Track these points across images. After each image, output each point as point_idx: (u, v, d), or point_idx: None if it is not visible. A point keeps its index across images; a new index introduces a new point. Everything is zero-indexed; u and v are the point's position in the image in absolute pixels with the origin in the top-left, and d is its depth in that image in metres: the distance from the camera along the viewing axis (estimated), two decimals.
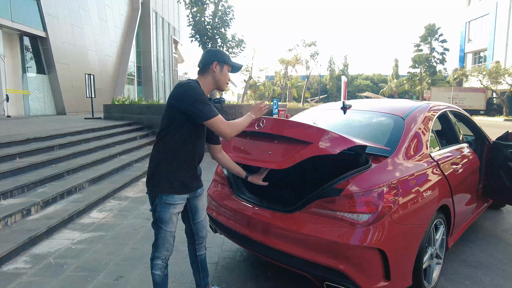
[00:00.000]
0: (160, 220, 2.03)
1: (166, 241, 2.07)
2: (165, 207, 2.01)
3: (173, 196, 2.01)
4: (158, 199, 2.01)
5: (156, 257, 2.10)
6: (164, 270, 2.13)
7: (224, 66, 2.04)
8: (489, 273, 2.80)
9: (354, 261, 1.90)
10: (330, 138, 1.99)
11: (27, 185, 4.39)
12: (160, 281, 2.13)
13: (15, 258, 3.07)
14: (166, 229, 2.04)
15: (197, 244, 2.30)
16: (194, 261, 2.35)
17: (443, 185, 2.48)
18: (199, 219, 2.25)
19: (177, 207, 2.05)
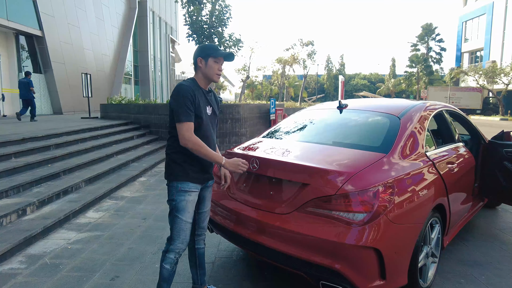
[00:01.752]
0: (176, 209, 2.08)
1: (182, 231, 2.10)
2: (180, 194, 2.08)
3: (188, 184, 2.09)
4: (174, 188, 2.09)
5: (170, 250, 2.12)
6: (174, 266, 2.15)
7: (209, 59, 2.09)
8: (484, 271, 2.81)
9: (349, 260, 1.90)
10: (325, 177, 2.06)
11: (22, 185, 4.36)
12: (168, 276, 2.13)
13: (10, 259, 3.05)
14: (182, 218, 2.08)
15: (197, 235, 2.33)
16: (192, 255, 2.37)
17: (438, 184, 2.49)
18: (204, 209, 2.30)
19: (192, 194, 2.11)
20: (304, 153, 2.43)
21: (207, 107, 2.16)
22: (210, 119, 2.18)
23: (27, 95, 10.69)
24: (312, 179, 2.07)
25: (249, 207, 2.37)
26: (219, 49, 2.14)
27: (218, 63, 2.12)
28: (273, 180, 2.29)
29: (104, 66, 20.68)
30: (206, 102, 2.16)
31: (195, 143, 2.00)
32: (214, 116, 2.23)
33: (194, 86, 2.10)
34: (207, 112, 2.16)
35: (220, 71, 2.16)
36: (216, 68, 2.12)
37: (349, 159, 2.22)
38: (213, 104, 2.23)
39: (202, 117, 2.08)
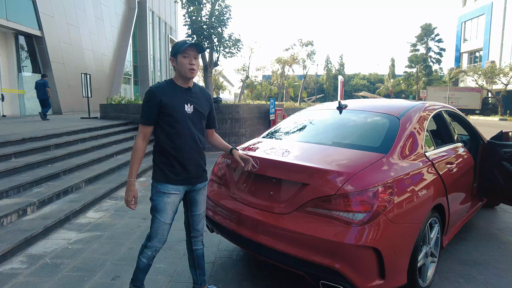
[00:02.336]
0: (154, 209, 2.14)
1: (159, 231, 2.14)
2: (159, 195, 2.12)
3: (166, 186, 2.10)
4: (154, 188, 2.15)
5: (148, 246, 2.19)
6: (150, 260, 2.22)
7: (178, 56, 2.07)
8: (483, 271, 2.83)
9: (349, 260, 1.91)
10: (324, 177, 2.07)
11: (22, 185, 4.37)
12: (143, 267, 2.23)
13: (11, 259, 3.06)
14: (159, 218, 2.12)
15: (193, 237, 2.33)
16: (190, 256, 2.38)
17: (437, 184, 2.50)
18: (197, 212, 2.28)
19: (171, 196, 2.11)
20: (304, 153, 2.44)
21: (186, 105, 2.11)
22: (191, 116, 2.12)
23: (44, 95, 11.44)
24: (312, 179, 2.09)
25: (250, 207, 2.38)
26: (185, 43, 2.07)
27: (188, 57, 2.06)
28: (273, 180, 2.30)
29: (103, 66, 20.68)
30: (184, 100, 2.11)
31: (134, 146, 2.09)
32: (197, 113, 2.16)
33: (166, 87, 2.10)
34: (186, 110, 2.11)
35: (192, 65, 2.08)
36: (187, 63, 2.06)
37: (349, 159, 2.23)
38: (196, 101, 2.16)
39: (174, 116, 2.06)
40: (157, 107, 2.05)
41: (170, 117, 2.06)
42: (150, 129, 2.12)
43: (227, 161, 2.70)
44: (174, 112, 2.06)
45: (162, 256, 3.09)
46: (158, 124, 2.10)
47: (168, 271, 2.84)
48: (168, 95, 2.07)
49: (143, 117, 2.09)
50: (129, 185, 2.09)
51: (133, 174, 2.10)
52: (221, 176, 2.79)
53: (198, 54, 2.12)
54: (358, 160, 2.20)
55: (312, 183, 2.08)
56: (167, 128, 2.08)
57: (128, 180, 2.10)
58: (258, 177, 2.41)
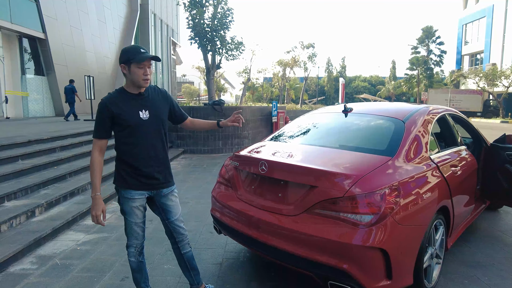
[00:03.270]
0: (123, 212, 2.23)
1: (133, 230, 2.24)
2: (124, 200, 2.20)
3: (130, 191, 2.17)
4: (119, 193, 2.23)
5: (128, 245, 2.29)
6: (138, 257, 2.30)
7: (131, 65, 2.02)
8: (487, 272, 2.86)
9: (357, 260, 1.95)
10: (332, 179, 2.12)
11: (30, 187, 4.42)
12: (136, 267, 2.31)
13: (21, 259, 3.11)
14: (130, 219, 2.22)
15: (179, 242, 2.36)
16: (181, 260, 2.41)
17: (442, 187, 2.54)
18: (173, 218, 2.31)
19: (136, 201, 2.19)
20: (312, 156, 2.49)
21: (141, 112, 2.10)
22: (148, 123, 2.11)
23: (71, 99, 12.83)
24: (320, 182, 2.13)
25: (258, 209, 2.42)
26: (141, 52, 2.01)
27: (142, 68, 2.02)
28: (281, 183, 2.35)
29: (105, 68, 20.78)
30: (137, 106, 2.10)
31: (91, 161, 2.12)
32: (155, 118, 2.14)
33: (116, 95, 2.09)
34: (142, 116, 2.10)
35: (147, 75, 2.05)
36: (141, 73, 2.03)
37: (356, 162, 2.28)
38: (151, 105, 2.14)
39: (130, 124, 2.06)
40: (110, 119, 2.05)
41: (125, 126, 2.06)
42: (105, 142, 2.12)
43: (235, 163, 2.74)
44: (128, 121, 2.06)
45: (170, 257, 3.13)
46: (116, 133, 2.12)
47: (176, 272, 2.88)
48: (119, 105, 2.06)
49: (96, 131, 2.09)
50: (95, 200, 2.08)
51: (96, 188, 2.09)
52: (228, 178, 2.84)
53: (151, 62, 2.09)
54: (365, 163, 2.24)
55: (320, 186, 2.12)
56: (124, 137, 2.10)
57: (92, 196, 2.09)
58: (266, 179, 2.46)
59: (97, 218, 2.09)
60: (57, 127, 8.81)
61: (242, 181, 2.68)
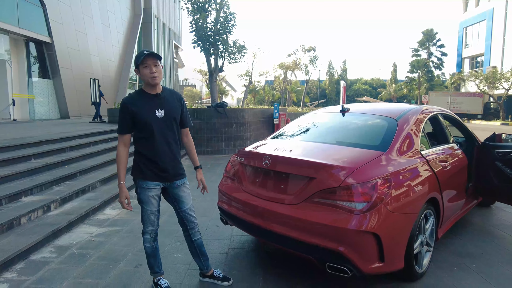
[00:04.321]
0: (140, 201, 2.46)
1: (148, 218, 2.47)
2: (141, 190, 2.43)
3: (147, 182, 2.40)
4: (136, 183, 2.45)
5: (143, 232, 2.52)
6: (152, 242, 2.53)
7: (139, 68, 2.28)
8: (475, 261, 3.07)
9: (352, 244, 2.17)
10: (330, 171, 2.33)
11: (44, 184, 4.65)
12: (150, 252, 2.55)
13: (41, 249, 3.33)
14: (146, 208, 2.45)
15: (190, 229, 2.59)
16: (192, 246, 2.64)
17: (432, 180, 2.76)
18: (185, 207, 2.54)
19: (152, 191, 2.42)
20: (311, 151, 2.71)
21: (157, 110, 2.33)
22: (163, 121, 2.34)
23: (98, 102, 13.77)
24: (319, 174, 2.35)
25: (262, 199, 2.64)
26: (142, 54, 2.25)
27: (148, 67, 2.25)
28: (283, 175, 2.57)
29: (109, 72, 21.10)
30: (154, 105, 2.33)
31: (117, 154, 2.37)
32: (169, 117, 2.37)
33: (135, 96, 2.36)
34: (157, 115, 2.33)
35: (153, 73, 2.26)
36: (148, 72, 2.26)
37: (351, 156, 2.50)
38: (166, 106, 2.37)
39: (147, 121, 2.29)
40: (130, 117, 2.29)
41: (143, 123, 2.30)
42: (129, 136, 2.38)
43: (240, 158, 2.97)
44: (145, 118, 2.29)
45: (179, 248, 3.35)
46: (135, 129, 2.36)
47: (185, 260, 3.10)
48: (138, 104, 2.31)
49: (120, 127, 2.35)
50: (120, 188, 2.35)
51: (121, 178, 2.36)
52: (234, 173, 3.06)
53: (157, 61, 2.31)
54: (360, 157, 2.46)
55: (318, 177, 2.34)
56: (142, 133, 2.34)
57: (118, 184, 2.36)
58: (269, 172, 2.68)
59: (121, 204, 2.37)
60: (64, 129, 9.06)
61: (247, 175, 2.90)
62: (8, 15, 12.81)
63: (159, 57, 2.33)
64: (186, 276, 2.82)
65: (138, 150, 2.41)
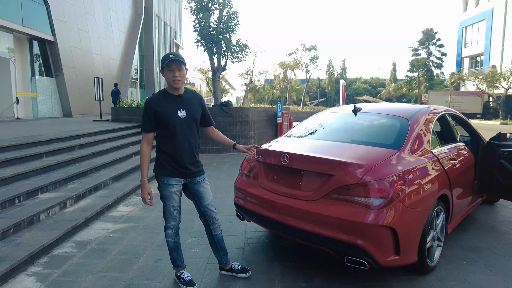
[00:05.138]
0: (162, 197, 2.56)
1: (171, 213, 2.57)
2: (164, 186, 2.53)
3: (169, 179, 2.50)
4: (159, 180, 2.54)
5: (166, 227, 2.62)
6: (174, 237, 2.64)
7: (164, 71, 2.40)
8: (483, 255, 3.19)
9: (370, 237, 2.28)
10: (348, 169, 2.43)
11: (58, 182, 4.75)
12: (173, 246, 2.65)
13: (62, 244, 3.43)
14: (168, 203, 2.54)
15: (211, 224, 2.70)
16: (212, 241, 2.76)
17: (442, 177, 2.87)
18: (206, 203, 2.66)
19: (174, 187, 2.52)
20: (328, 149, 2.81)
21: (179, 111, 2.44)
22: (184, 121, 2.45)
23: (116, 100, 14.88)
24: (337, 171, 2.46)
25: (280, 195, 2.75)
26: (167, 58, 2.36)
27: (171, 71, 2.36)
28: (301, 172, 2.68)
29: (111, 70, 21.16)
30: (176, 106, 2.44)
31: (141, 151, 2.48)
32: (190, 117, 2.48)
33: (159, 96, 2.46)
34: (180, 115, 2.44)
35: (176, 77, 2.37)
36: (171, 76, 2.37)
37: (368, 154, 2.60)
38: (188, 106, 2.47)
39: (169, 121, 2.40)
40: (153, 116, 2.41)
41: (166, 123, 2.41)
42: (152, 135, 2.50)
43: (258, 156, 3.07)
44: (168, 118, 2.40)
45: (198, 242, 3.46)
46: (158, 128, 2.48)
47: (204, 255, 3.21)
48: (161, 104, 2.42)
49: (143, 126, 2.47)
50: (143, 184, 2.47)
51: (144, 174, 2.47)
52: (250, 170, 3.17)
53: (182, 65, 2.42)
54: (376, 155, 2.57)
55: (337, 174, 2.45)
56: (164, 132, 2.46)
57: (141, 180, 2.48)
58: (288, 169, 2.78)
59: (143, 199, 2.47)
60: (71, 127, 9.14)
61: (265, 172, 3.01)
62: (12, 13, 12.87)
63: (184, 62, 2.44)
64: (206, 270, 2.93)
65: (160, 148, 2.51)
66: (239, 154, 9.78)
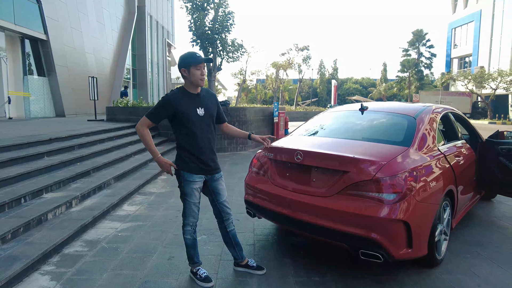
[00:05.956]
0: (184, 194, 2.59)
1: (191, 210, 2.61)
2: (186, 183, 2.56)
3: (192, 175, 2.54)
4: (181, 176, 2.57)
5: (185, 224, 2.65)
6: (193, 234, 2.68)
7: (191, 68, 2.42)
8: (486, 249, 3.30)
9: (384, 231, 2.36)
10: (362, 165, 2.50)
11: (62, 181, 4.72)
12: (191, 243, 2.69)
13: (72, 243, 3.43)
14: (190, 200, 2.58)
15: (225, 220, 2.75)
16: (227, 237, 2.81)
17: (449, 173, 2.97)
18: (222, 199, 2.71)
19: (196, 183, 2.57)
20: (341, 147, 2.88)
21: (198, 109, 2.50)
22: (203, 119, 2.51)
23: None
24: (351, 167, 2.53)
25: (293, 192, 2.81)
26: (198, 57, 2.43)
27: (199, 69, 2.44)
28: (315, 169, 2.74)
29: (104, 70, 20.93)
30: (196, 104, 2.50)
31: (140, 134, 2.50)
32: (208, 115, 2.55)
33: (179, 94, 2.48)
34: (198, 113, 2.50)
35: (203, 75, 2.47)
36: (199, 74, 2.44)
37: (380, 151, 2.68)
38: (205, 104, 2.55)
39: (190, 119, 2.46)
40: (170, 112, 2.44)
41: (186, 120, 2.47)
42: (153, 124, 2.53)
43: (269, 154, 3.13)
44: (189, 116, 2.46)
45: (208, 240, 3.50)
46: (177, 126, 2.52)
47: (216, 252, 3.25)
48: (182, 103, 2.46)
49: (153, 113, 2.48)
50: (160, 160, 2.52)
51: (155, 152, 2.51)
52: (261, 167, 3.22)
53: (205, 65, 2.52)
54: (388, 152, 2.65)
55: (351, 171, 2.52)
56: (184, 130, 2.50)
57: (156, 158, 2.52)
58: (301, 166, 2.84)
59: (169, 172, 2.54)
60: (67, 127, 9.05)
61: (277, 169, 3.06)
62: (4, 11, 12.65)
63: (212, 61, 2.51)
64: (220, 266, 2.97)
65: (181, 145, 2.55)
66: (238, 154, 9.83)
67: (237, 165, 8.02)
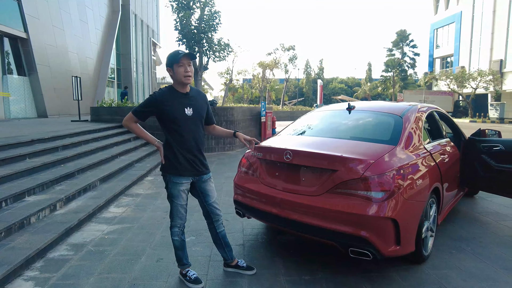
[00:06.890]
0: (171, 195, 2.56)
1: (178, 211, 2.57)
2: (173, 185, 2.53)
3: (179, 177, 2.51)
4: (167, 178, 2.55)
5: (172, 225, 2.62)
6: (181, 236, 2.65)
7: (173, 66, 2.38)
8: (470, 244, 3.39)
9: (374, 229, 2.38)
10: (350, 164, 2.51)
11: (45, 183, 4.59)
12: (179, 245, 2.66)
13: (56, 247, 3.34)
14: (176, 202, 2.55)
15: (215, 221, 2.72)
16: (216, 238, 2.78)
17: (435, 171, 3.03)
18: (211, 200, 2.68)
19: (183, 185, 2.53)
20: (329, 146, 2.90)
21: (186, 109, 2.45)
22: (191, 119, 2.46)
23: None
24: (340, 166, 2.55)
25: (282, 191, 2.81)
26: (179, 53, 2.36)
27: (183, 66, 2.36)
28: (304, 168, 2.75)
29: (88, 69, 20.50)
30: (184, 104, 2.44)
31: (129, 128, 2.52)
32: (196, 115, 2.50)
33: (167, 93, 2.43)
34: (186, 113, 2.44)
35: (187, 72, 2.37)
36: (182, 71, 2.36)
37: (368, 150, 2.71)
38: (194, 104, 2.49)
39: (177, 117, 2.41)
40: (156, 111, 2.42)
41: (173, 120, 2.43)
42: (139, 121, 2.51)
43: (258, 154, 3.12)
44: (175, 116, 2.41)
45: (197, 241, 3.46)
46: (165, 126, 2.48)
47: (205, 252, 3.22)
48: (169, 102, 2.41)
49: (138, 111, 2.45)
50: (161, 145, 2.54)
51: (153, 139, 2.54)
52: (250, 167, 3.21)
53: (191, 61, 2.45)
54: (375, 150, 2.68)
55: (340, 169, 2.54)
56: (171, 129, 2.47)
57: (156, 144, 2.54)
58: (290, 166, 2.84)
59: None
60: (50, 128, 8.81)
61: (266, 169, 3.06)
62: None
63: (195, 57, 2.44)
64: (210, 267, 2.95)
65: (169, 146, 2.51)
66: (225, 154, 9.79)
67: (224, 165, 7.99)
